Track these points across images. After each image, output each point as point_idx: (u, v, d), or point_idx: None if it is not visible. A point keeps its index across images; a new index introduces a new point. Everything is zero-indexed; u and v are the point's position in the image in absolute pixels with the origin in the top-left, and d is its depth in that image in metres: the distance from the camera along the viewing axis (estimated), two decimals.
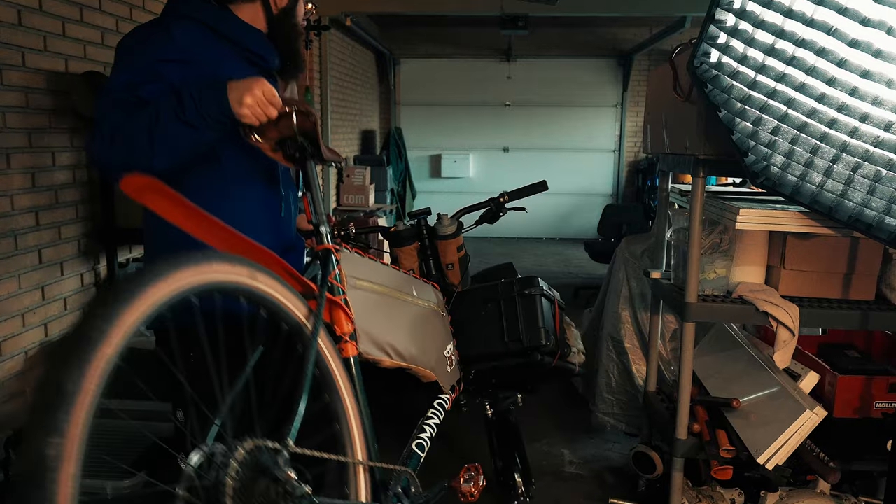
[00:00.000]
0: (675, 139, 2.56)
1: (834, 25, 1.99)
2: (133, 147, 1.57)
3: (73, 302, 2.91)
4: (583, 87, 10.19)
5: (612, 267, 3.72)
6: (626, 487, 3.05)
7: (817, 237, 2.40)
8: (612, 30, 9.81)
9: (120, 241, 3.14)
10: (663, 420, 2.72)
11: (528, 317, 2.18)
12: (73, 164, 2.87)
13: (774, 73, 2.08)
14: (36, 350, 2.69)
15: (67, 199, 2.85)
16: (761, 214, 2.32)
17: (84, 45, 2.93)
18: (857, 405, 2.52)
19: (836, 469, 2.33)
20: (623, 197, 10.26)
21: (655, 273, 2.85)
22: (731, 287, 2.54)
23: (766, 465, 2.34)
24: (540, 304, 2.25)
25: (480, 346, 2.22)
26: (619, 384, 3.47)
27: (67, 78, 2.82)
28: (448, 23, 9.56)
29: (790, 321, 2.36)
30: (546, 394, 4.05)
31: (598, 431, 3.54)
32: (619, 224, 6.49)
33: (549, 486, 3.07)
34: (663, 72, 2.58)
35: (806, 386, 2.48)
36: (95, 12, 3.00)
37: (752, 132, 2.12)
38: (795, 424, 2.32)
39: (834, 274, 2.48)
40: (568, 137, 10.25)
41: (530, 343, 2.17)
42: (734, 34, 2.09)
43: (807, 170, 2.12)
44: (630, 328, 3.44)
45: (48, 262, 2.75)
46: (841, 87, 2.05)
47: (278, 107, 1.60)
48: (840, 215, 2.14)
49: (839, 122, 2.07)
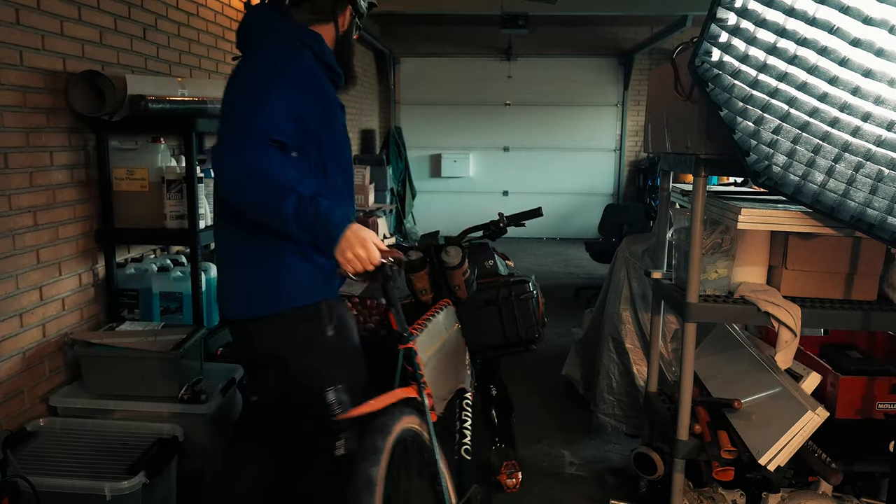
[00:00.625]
0: (677, 138, 2.55)
1: (836, 24, 1.99)
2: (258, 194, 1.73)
3: (71, 302, 2.89)
4: (583, 86, 10.17)
5: (613, 267, 3.71)
6: (627, 489, 3.04)
7: (819, 237, 2.39)
8: (612, 29, 9.80)
9: (118, 241, 3.13)
10: (664, 421, 2.71)
11: (523, 317, 2.64)
12: (71, 163, 2.86)
13: (776, 72, 2.08)
14: (34, 350, 2.68)
15: (65, 199, 2.83)
16: (763, 214, 2.31)
17: (82, 43, 2.91)
18: (859, 406, 2.52)
19: (838, 470, 2.33)
20: (624, 196, 10.25)
21: (656, 273, 2.85)
22: (732, 287, 2.54)
23: (768, 467, 2.34)
24: (532, 306, 2.65)
25: (486, 339, 2.65)
26: (619, 385, 3.46)
27: (65, 77, 2.81)
28: (448, 21, 9.55)
29: (792, 321, 2.35)
30: (546, 395, 4.04)
31: (599, 432, 3.53)
32: (620, 224, 6.48)
33: (550, 487, 3.06)
34: (664, 71, 2.58)
35: (808, 386, 2.47)
36: (94, 11, 2.98)
37: (754, 131, 2.11)
38: (797, 425, 2.32)
39: (836, 274, 2.47)
40: (568, 137, 10.23)
41: (527, 337, 2.65)
42: (736, 33, 2.08)
43: (809, 169, 2.12)
44: (631, 329, 3.42)
45: (46, 262, 2.73)
46: (843, 86, 2.04)
47: (376, 264, 1.79)
48: (842, 215, 2.13)
49: (841, 122, 2.07)
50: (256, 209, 1.77)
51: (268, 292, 1.91)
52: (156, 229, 3.06)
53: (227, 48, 4.37)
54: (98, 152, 2.99)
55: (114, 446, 2.49)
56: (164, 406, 2.67)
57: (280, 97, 1.77)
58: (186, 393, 2.69)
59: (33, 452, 2.43)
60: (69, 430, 2.59)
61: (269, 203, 1.72)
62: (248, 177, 1.72)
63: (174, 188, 3.00)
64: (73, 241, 2.90)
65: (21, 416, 2.62)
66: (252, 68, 1.86)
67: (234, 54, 4.44)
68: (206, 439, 2.68)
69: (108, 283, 3.09)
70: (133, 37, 3.29)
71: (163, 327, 2.90)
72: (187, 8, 3.84)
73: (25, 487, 2.13)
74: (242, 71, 1.87)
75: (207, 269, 3.22)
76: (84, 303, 2.98)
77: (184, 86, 3.25)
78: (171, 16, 3.65)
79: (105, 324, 3.05)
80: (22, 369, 2.62)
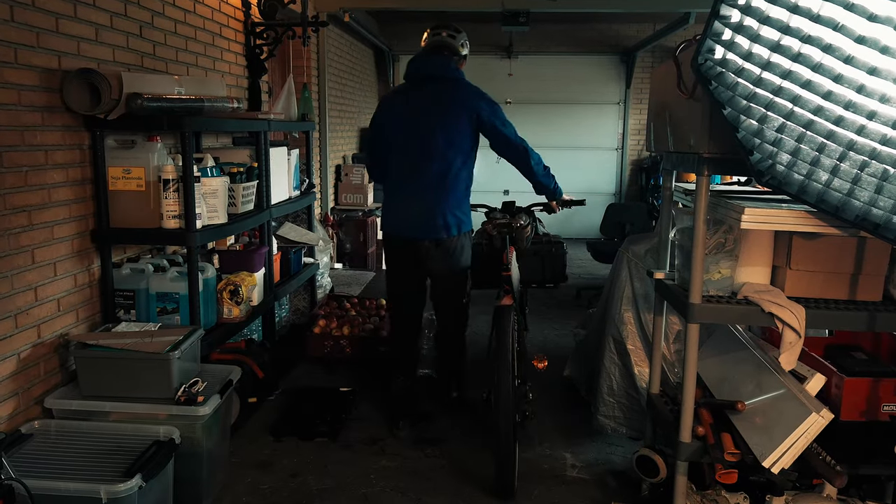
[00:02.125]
0: (679, 137, 2.54)
1: (840, 21, 1.97)
2: (545, 170, 3.69)
3: (67, 303, 2.87)
4: (585, 84, 10.12)
5: (615, 267, 3.68)
6: (628, 491, 3.02)
7: (824, 237, 2.37)
8: (614, 26, 9.76)
9: (114, 241, 3.11)
10: (667, 423, 2.69)
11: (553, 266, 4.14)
12: (66, 162, 2.83)
13: (780, 70, 2.06)
14: (28, 352, 2.65)
15: (60, 199, 2.81)
16: (767, 214, 2.29)
17: (78, 41, 2.89)
18: (864, 408, 2.50)
19: (843, 473, 2.30)
20: (626, 196, 10.20)
21: (659, 273, 2.84)
22: (735, 288, 2.52)
23: (772, 469, 2.32)
24: (562, 260, 4.15)
25: (530, 276, 4.05)
26: (620, 386, 3.43)
27: (61, 75, 2.78)
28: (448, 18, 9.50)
29: (796, 322, 2.33)
30: (548, 396, 4.01)
31: (600, 434, 3.50)
32: (622, 223, 6.44)
33: (551, 489, 3.03)
34: (667, 69, 2.56)
35: (812, 388, 2.45)
36: (90, 8, 2.96)
37: (758, 130, 2.09)
38: (801, 427, 2.30)
39: (840, 274, 2.45)
40: (570, 135, 10.17)
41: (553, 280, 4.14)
42: (739, 30, 2.07)
43: (813, 168, 2.09)
44: (633, 329, 3.40)
45: (41, 262, 2.71)
46: (848, 84, 2.03)
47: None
48: (847, 214, 2.11)
49: (846, 120, 2.05)
50: (544, 177, 3.62)
51: (461, 224, 3.50)
52: (152, 229, 3.03)
53: (223, 45, 4.34)
54: (93, 151, 2.97)
55: (109, 449, 2.47)
56: (160, 408, 2.66)
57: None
58: (183, 394, 2.67)
59: (28, 455, 2.41)
60: (64, 433, 2.57)
61: (548, 173, 3.65)
62: (540, 162, 3.62)
63: (171, 187, 2.97)
64: (69, 240, 2.88)
65: (16, 418, 2.60)
66: (480, 92, 3.50)
67: (231, 51, 4.42)
68: (203, 441, 2.66)
69: (103, 284, 3.06)
70: (129, 34, 3.27)
71: (159, 328, 2.87)
72: (184, 5, 3.82)
73: (20, 491, 2.12)
74: (475, 92, 3.48)
75: (204, 270, 3.19)
76: (79, 303, 2.96)
77: (181, 83, 3.22)
78: (167, 13, 3.62)
79: (101, 325, 3.03)
80: (17, 371, 2.60)
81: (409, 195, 3.46)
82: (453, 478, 3.13)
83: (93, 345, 2.71)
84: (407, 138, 3.45)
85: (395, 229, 3.54)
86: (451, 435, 3.53)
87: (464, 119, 3.39)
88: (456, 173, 3.44)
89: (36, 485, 2.16)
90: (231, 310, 3.40)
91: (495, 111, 3.44)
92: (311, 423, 3.57)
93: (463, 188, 3.50)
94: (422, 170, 3.42)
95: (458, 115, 3.39)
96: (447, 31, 3.54)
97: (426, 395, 3.90)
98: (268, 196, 3.93)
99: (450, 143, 3.40)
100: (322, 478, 3.09)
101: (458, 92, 3.43)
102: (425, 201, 3.42)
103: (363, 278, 6.37)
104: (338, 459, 3.26)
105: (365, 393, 4.04)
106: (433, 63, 3.46)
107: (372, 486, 3.04)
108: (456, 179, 3.44)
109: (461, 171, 3.46)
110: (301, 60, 6.33)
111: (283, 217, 4.84)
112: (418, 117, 3.41)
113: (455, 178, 3.44)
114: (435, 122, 3.39)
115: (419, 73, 3.47)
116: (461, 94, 3.42)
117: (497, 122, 3.43)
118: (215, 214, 3.24)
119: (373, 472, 3.15)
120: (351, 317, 4.75)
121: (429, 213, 3.41)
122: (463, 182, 3.49)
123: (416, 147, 3.42)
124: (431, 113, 3.40)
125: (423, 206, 3.42)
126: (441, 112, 3.39)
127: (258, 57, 4.75)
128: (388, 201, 3.61)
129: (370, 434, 3.53)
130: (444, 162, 3.40)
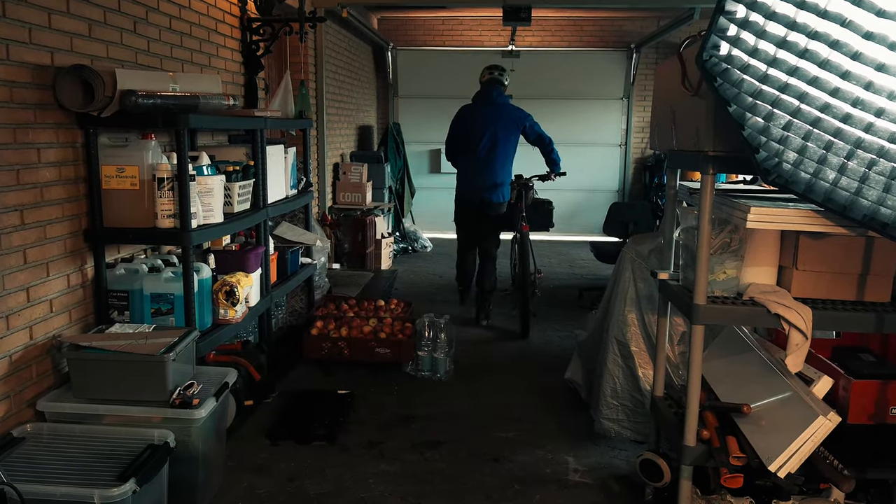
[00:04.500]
0: (684, 135, 2.52)
1: (848, 17, 1.97)
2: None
3: (60, 304, 2.83)
4: (588, 79, 10.03)
5: (618, 267, 3.64)
6: (632, 496, 2.98)
7: (831, 237, 2.35)
8: (617, 21, 9.71)
9: (108, 241, 3.06)
10: (671, 426, 2.67)
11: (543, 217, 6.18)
12: (59, 160, 2.79)
13: (786, 67, 2.04)
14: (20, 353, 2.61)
15: (53, 198, 2.76)
16: (773, 213, 2.27)
17: (71, 37, 2.84)
18: (872, 411, 2.49)
19: (851, 477, 2.29)
20: (629, 194, 10.14)
21: (663, 274, 2.82)
22: (741, 288, 2.49)
23: (778, 473, 2.29)
24: (549, 215, 6.26)
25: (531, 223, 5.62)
26: (623, 389, 3.39)
27: (53, 71, 2.74)
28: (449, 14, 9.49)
29: (803, 324, 2.31)
30: (549, 399, 3.98)
31: (603, 438, 3.47)
32: (625, 223, 6.37)
33: (553, 494, 2.99)
34: (671, 65, 2.54)
35: (819, 391, 2.42)
36: (83, 3, 2.91)
37: (764, 128, 2.07)
38: (808, 431, 2.27)
39: (848, 275, 2.42)
40: (572, 131, 10.06)
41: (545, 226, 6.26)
42: (745, 26, 2.05)
43: (820, 166, 2.07)
44: (636, 331, 3.36)
45: (33, 262, 2.67)
46: (855, 81, 2.02)
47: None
48: (854, 214, 2.08)
49: (853, 118, 2.03)
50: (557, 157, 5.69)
51: (504, 195, 5.63)
52: (146, 229, 2.99)
53: (219, 41, 4.30)
54: (87, 149, 2.93)
55: (103, 452, 2.44)
56: (154, 410, 2.63)
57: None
58: (178, 397, 2.63)
59: (20, 459, 2.38)
60: (57, 436, 2.53)
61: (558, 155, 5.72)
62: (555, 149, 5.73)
63: (165, 186, 2.93)
64: (62, 240, 2.84)
65: (7, 421, 2.56)
66: (523, 111, 5.70)
67: (226, 47, 4.38)
68: (199, 445, 2.63)
69: (97, 284, 3.02)
70: (123, 30, 3.22)
71: (154, 329, 2.84)
72: (179, 0, 3.77)
73: (12, 495, 2.10)
74: (520, 111, 5.68)
75: (199, 270, 3.15)
76: (72, 304, 2.92)
77: (175, 80, 3.18)
78: (162, 8, 3.58)
79: (94, 326, 2.99)
80: (8, 373, 2.56)
81: (482, 174, 5.61)
82: (452, 482, 3.09)
83: (86, 346, 2.67)
84: (479, 139, 5.57)
85: (470, 194, 5.68)
86: (449, 438, 3.50)
87: (514, 128, 5.62)
88: (504, 162, 5.65)
89: (28, 489, 2.13)
90: (227, 311, 3.36)
91: (533, 121, 5.67)
92: (309, 427, 3.53)
93: (508, 171, 5.70)
94: (489, 160, 5.58)
95: (511, 126, 5.60)
96: (498, 72, 5.71)
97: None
98: (264, 195, 3.89)
99: (505, 144, 5.61)
100: (320, 482, 3.06)
101: (510, 112, 5.66)
102: (490, 178, 5.60)
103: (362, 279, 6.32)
104: (336, 463, 3.22)
105: (363, 396, 4.00)
106: (492, 93, 5.65)
107: (370, 490, 3.00)
108: (504, 166, 5.66)
109: (507, 162, 5.67)
110: (298, 57, 6.29)
111: (279, 216, 4.80)
112: (486, 126, 5.56)
113: (504, 165, 5.66)
114: (497, 130, 5.57)
115: (484, 98, 5.67)
116: (513, 113, 5.65)
117: (536, 127, 5.66)
118: (211, 214, 3.20)
119: (371, 477, 3.11)
120: (349, 318, 4.71)
121: (492, 185, 5.60)
122: (509, 168, 5.70)
123: (486, 145, 5.57)
124: (495, 124, 5.57)
125: (489, 181, 5.59)
126: (502, 125, 5.58)
127: (254, 53, 4.71)
128: (465, 178, 5.75)
129: (369, 438, 3.49)
130: (502, 156, 5.61)
